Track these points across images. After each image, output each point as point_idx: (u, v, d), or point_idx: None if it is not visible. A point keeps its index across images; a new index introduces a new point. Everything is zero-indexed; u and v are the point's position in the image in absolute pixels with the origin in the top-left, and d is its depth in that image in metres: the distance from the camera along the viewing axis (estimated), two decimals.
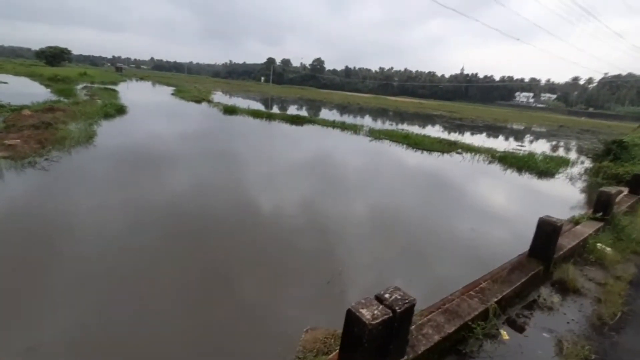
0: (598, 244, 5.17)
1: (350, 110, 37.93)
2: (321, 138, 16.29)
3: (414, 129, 22.25)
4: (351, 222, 6.31)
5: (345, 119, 24.25)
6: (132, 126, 13.93)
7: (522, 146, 20.11)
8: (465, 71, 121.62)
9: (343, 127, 19.64)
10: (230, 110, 21.93)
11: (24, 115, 11.77)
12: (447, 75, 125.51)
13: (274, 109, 28.91)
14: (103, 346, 2.98)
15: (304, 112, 28.25)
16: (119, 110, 16.63)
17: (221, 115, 20.56)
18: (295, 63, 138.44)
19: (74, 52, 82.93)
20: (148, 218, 5.58)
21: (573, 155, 18.87)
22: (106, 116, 14.67)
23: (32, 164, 7.36)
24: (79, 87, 27.06)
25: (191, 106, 24.22)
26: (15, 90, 21.06)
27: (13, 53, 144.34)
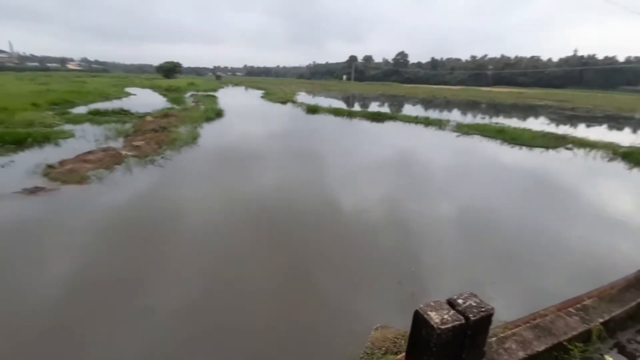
0: None
1: (435, 104, 35.74)
2: (402, 135, 15.74)
3: (511, 122, 19.86)
4: (433, 223, 5.97)
5: (429, 114, 22.95)
6: (228, 128, 15.55)
7: None
8: (579, 52, 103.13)
9: (427, 123, 18.63)
10: (312, 109, 22.75)
11: (147, 121, 14.15)
12: (555, 59, 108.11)
13: (355, 107, 28.98)
14: (200, 307, 3.42)
15: (386, 109, 27.65)
16: (218, 114, 18.72)
17: (304, 114, 21.48)
18: (377, 59, 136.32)
19: (184, 65, 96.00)
20: (240, 206, 6.26)
21: None
22: (207, 119, 16.67)
23: (152, 162, 8.82)
24: (187, 95, 31.31)
25: (277, 107, 25.87)
26: (141, 100, 25.49)
27: (140, 69, 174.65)
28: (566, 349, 2.21)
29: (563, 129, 18.41)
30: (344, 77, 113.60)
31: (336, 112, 21.84)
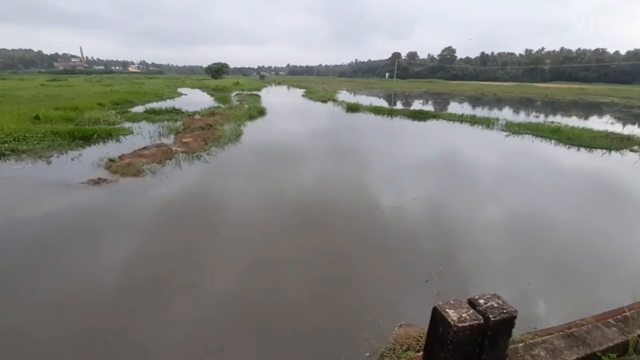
0: None
1: (484, 102, 33.85)
2: (444, 134, 15.15)
3: (570, 121, 18.28)
4: (470, 226, 5.73)
5: (477, 113, 21.84)
6: (269, 126, 16.04)
7: None
8: None
9: (473, 122, 17.77)
10: (352, 108, 22.68)
11: (195, 119, 15.05)
12: (623, 51, 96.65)
13: (397, 105, 28.39)
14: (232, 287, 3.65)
15: (429, 107, 26.76)
16: (260, 112, 19.40)
17: (344, 113, 21.48)
18: (422, 55, 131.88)
19: (231, 66, 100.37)
20: (277, 200, 6.54)
21: None
22: (250, 118, 17.35)
23: (199, 157, 9.40)
24: (233, 95, 32.74)
25: (318, 106, 26.13)
26: (191, 100, 27.13)
27: (191, 71, 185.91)
28: None
29: (630, 129, 16.57)
30: (387, 75, 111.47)
31: (376, 111, 21.59)
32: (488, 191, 7.61)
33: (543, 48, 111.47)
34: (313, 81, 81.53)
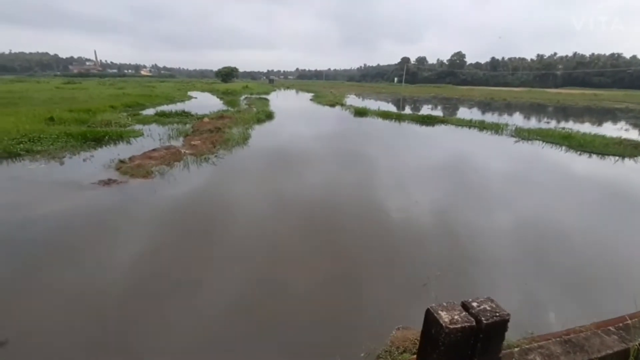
0: None
1: (493, 107, 33.55)
2: (452, 139, 15.06)
3: (582, 128, 18.01)
4: (474, 233, 5.69)
5: (486, 118, 21.66)
6: (277, 129, 16.15)
7: None
8: None
9: (482, 127, 17.63)
10: (360, 112, 22.72)
11: (204, 122, 15.26)
12: None
13: (405, 110, 28.34)
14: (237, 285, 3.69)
15: (438, 112, 26.62)
16: (268, 116, 19.55)
17: (352, 117, 21.52)
18: (431, 60, 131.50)
19: (240, 70, 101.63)
20: (282, 202, 6.58)
21: None
22: (258, 121, 17.50)
23: (207, 160, 9.52)
24: (242, 98, 33.09)
25: (326, 110, 26.23)
26: (200, 103, 27.52)
27: (201, 74, 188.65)
28: None
29: None
30: (395, 80, 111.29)
31: (384, 115, 21.58)
32: (493, 196, 7.53)
33: (555, 53, 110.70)
34: (322, 85, 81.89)
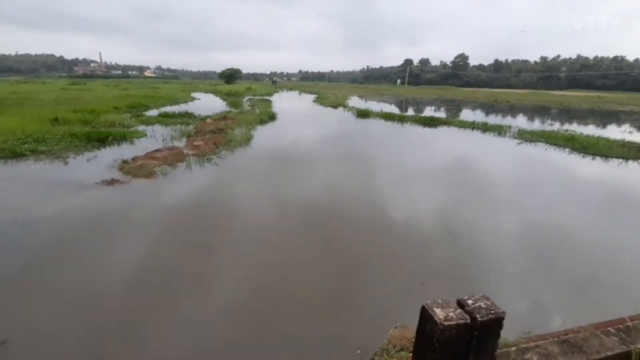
0: None
1: (497, 109, 33.45)
2: (455, 140, 15.04)
3: (586, 130, 17.92)
4: (476, 230, 5.68)
5: (489, 120, 21.60)
6: (279, 131, 16.19)
7: None
8: None
9: (485, 129, 17.59)
10: (363, 114, 22.73)
11: (207, 123, 15.33)
12: None
13: (408, 111, 28.32)
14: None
15: (441, 114, 26.59)
16: (271, 117, 19.60)
17: (354, 118, 21.54)
18: (435, 62, 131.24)
19: (244, 71, 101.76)
20: (284, 202, 6.59)
21: None
22: (261, 122, 17.55)
23: (209, 160, 9.56)
24: (245, 100, 33.18)
25: (328, 111, 26.27)
26: (203, 104, 27.64)
27: (205, 76, 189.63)
28: None
29: None
30: (398, 81, 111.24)
31: (387, 117, 21.58)
32: (494, 197, 7.50)
33: (559, 55, 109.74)
34: (324, 87, 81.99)
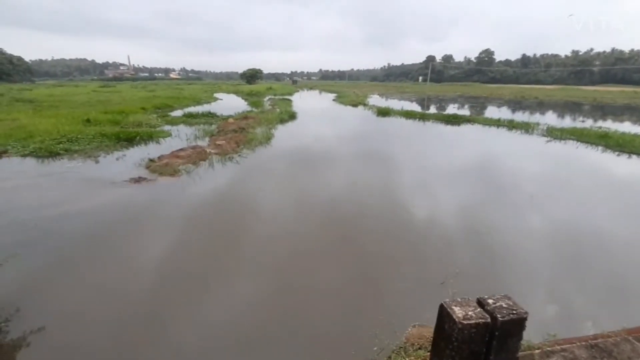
0: None
1: (524, 106, 32.15)
2: (479, 138, 14.60)
3: (621, 127, 16.95)
4: (495, 237, 5.50)
5: (516, 117, 20.80)
6: (299, 129, 16.30)
7: None
8: None
9: (511, 126, 16.98)
10: (383, 112, 22.47)
11: (229, 122, 15.65)
12: None
13: (430, 109, 27.75)
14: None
15: (465, 111, 25.87)
16: (291, 116, 19.76)
17: (374, 117, 21.33)
18: (458, 58, 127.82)
19: (264, 72, 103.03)
20: (304, 200, 6.66)
21: None
22: (281, 121, 17.73)
23: (230, 159, 9.77)
24: (265, 99, 33.59)
25: (348, 110, 26.15)
26: (226, 104, 28.22)
27: (227, 76, 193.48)
28: None
29: None
30: (420, 79, 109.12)
31: (408, 115, 21.23)
32: (519, 196, 7.24)
33: (592, 49, 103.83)
34: (345, 86, 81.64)
